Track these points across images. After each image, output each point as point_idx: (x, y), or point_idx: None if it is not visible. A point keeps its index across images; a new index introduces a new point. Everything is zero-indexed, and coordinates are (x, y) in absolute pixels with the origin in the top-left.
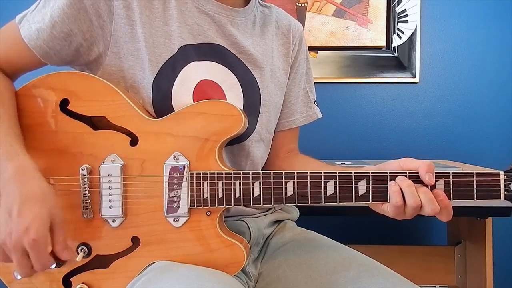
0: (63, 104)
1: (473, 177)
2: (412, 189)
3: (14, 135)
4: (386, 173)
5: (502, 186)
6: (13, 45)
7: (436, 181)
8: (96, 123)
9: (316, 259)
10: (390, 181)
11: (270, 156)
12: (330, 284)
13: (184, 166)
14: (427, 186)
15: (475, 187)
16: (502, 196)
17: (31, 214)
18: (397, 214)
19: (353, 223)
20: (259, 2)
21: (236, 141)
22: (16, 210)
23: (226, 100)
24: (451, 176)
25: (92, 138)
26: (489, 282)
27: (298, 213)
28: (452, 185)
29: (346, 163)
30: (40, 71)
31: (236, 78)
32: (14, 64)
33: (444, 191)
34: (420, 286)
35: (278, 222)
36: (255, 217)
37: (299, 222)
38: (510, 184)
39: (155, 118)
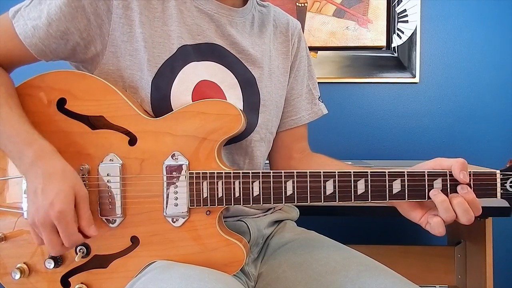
0: (61, 104)
1: (470, 176)
2: (446, 204)
3: (27, 122)
4: (385, 172)
5: (499, 185)
6: (6, 40)
7: (433, 180)
8: (94, 122)
9: (316, 259)
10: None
11: (282, 156)
12: (330, 284)
13: (183, 166)
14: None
15: (472, 186)
16: (499, 195)
17: (55, 189)
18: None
19: (353, 223)
20: (256, 1)
21: (234, 140)
22: (40, 188)
23: (226, 100)
24: (448, 175)
25: (90, 137)
26: (489, 282)
27: (298, 213)
28: (449, 184)
29: (346, 163)
30: (37, 69)
31: (235, 78)
32: (8, 58)
33: (441, 190)
34: (420, 286)
35: (278, 222)
36: (255, 217)
37: (299, 222)
38: (506, 183)
39: (154, 117)
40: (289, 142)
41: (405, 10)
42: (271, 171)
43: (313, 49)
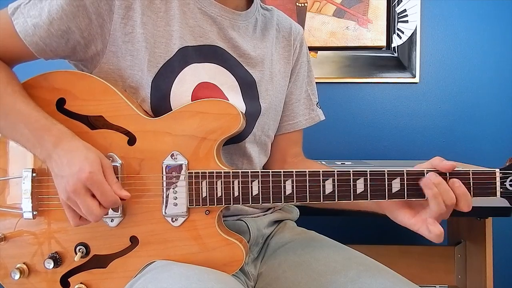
0: (60, 104)
1: (469, 175)
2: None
3: (42, 110)
4: (384, 171)
5: (498, 184)
6: (5, 37)
7: None
8: (93, 122)
9: (316, 259)
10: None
11: (276, 160)
12: (330, 284)
13: (182, 165)
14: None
15: (471, 184)
16: (498, 193)
17: (81, 157)
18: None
19: (353, 223)
20: (260, 5)
21: (233, 141)
22: (65, 162)
23: (228, 101)
24: (447, 174)
25: (90, 137)
26: (489, 282)
27: (298, 213)
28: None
29: (346, 163)
30: (36, 68)
31: (236, 81)
32: (7, 55)
33: None
34: (420, 286)
35: (278, 222)
36: (255, 217)
37: (299, 222)
38: (505, 181)
39: (153, 117)
40: (284, 146)
41: (405, 10)
42: (270, 170)
43: (313, 49)
